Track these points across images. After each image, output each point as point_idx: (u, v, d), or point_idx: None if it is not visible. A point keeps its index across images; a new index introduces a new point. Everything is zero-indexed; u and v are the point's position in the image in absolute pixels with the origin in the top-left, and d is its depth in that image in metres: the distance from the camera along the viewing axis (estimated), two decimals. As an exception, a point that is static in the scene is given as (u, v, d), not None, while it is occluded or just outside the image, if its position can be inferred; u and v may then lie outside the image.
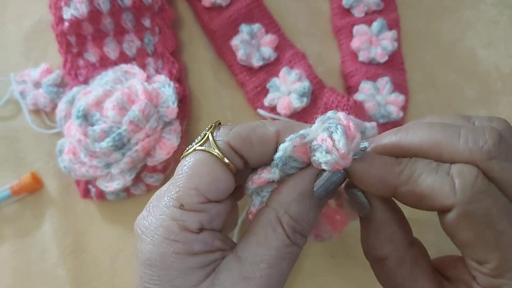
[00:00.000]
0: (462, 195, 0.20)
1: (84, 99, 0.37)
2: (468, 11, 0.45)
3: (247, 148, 0.23)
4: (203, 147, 0.23)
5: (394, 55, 0.42)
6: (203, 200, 0.22)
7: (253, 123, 0.24)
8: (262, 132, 0.23)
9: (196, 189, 0.22)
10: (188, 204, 0.22)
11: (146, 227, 0.22)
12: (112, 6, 0.39)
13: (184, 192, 0.22)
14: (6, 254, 0.40)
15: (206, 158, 0.22)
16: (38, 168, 0.41)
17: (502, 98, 0.43)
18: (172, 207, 0.22)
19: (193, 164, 0.22)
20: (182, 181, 0.22)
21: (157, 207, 0.22)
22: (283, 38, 0.42)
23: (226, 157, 0.23)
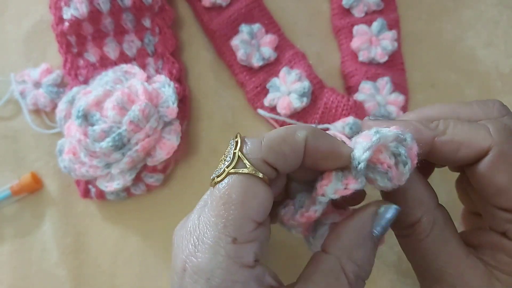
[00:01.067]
0: (498, 135, 0.22)
1: (84, 99, 0.37)
2: (468, 11, 0.45)
3: (281, 160, 0.22)
4: (240, 169, 0.21)
5: (394, 55, 0.42)
6: (254, 227, 0.21)
7: (281, 131, 0.22)
8: (293, 141, 0.22)
9: (246, 217, 0.20)
10: (241, 236, 0.20)
11: (198, 267, 0.20)
12: (112, 6, 0.39)
13: (234, 223, 0.20)
14: (6, 254, 0.40)
15: (247, 181, 0.21)
16: (38, 168, 0.41)
17: (502, 98, 0.42)
18: (224, 243, 0.20)
19: (237, 190, 0.21)
20: (228, 211, 0.20)
21: (204, 243, 0.20)
22: (283, 38, 0.42)
23: (264, 174, 0.21)
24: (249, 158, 0.21)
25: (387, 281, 0.38)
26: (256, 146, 0.22)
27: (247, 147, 0.22)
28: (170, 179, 0.41)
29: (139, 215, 0.40)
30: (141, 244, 0.39)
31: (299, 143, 0.22)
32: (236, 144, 0.22)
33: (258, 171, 0.21)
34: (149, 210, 0.40)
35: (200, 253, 0.20)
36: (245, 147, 0.22)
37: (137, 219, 0.40)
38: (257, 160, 0.21)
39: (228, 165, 0.21)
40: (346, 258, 0.21)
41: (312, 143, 0.22)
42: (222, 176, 0.21)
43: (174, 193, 0.40)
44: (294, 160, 0.22)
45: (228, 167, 0.21)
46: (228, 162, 0.21)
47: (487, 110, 0.25)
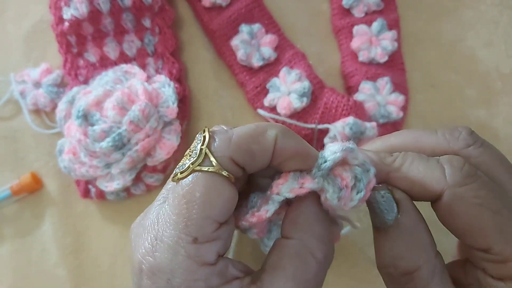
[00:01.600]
0: (452, 178, 0.21)
1: (84, 99, 0.37)
2: (468, 11, 0.45)
3: (249, 160, 0.21)
4: (206, 167, 0.20)
5: (394, 55, 0.42)
6: (216, 227, 0.20)
7: (251, 128, 0.21)
8: (263, 140, 0.21)
9: (209, 217, 0.20)
10: (202, 236, 0.19)
11: (157, 267, 0.19)
12: (112, 6, 0.39)
13: (196, 223, 0.19)
14: (6, 254, 0.40)
15: (212, 180, 0.20)
16: (38, 168, 0.41)
17: (502, 98, 0.43)
18: (185, 243, 0.19)
19: (201, 189, 0.20)
20: (190, 210, 0.19)
21: (164, 242, 0.20)
22: (283, 38, 0.42)
23: (230, 172, 0.20)
24: (216, 155, 0.20)
25: (387, 281, 0.38)
26: (224, 143, 0.21)
27: (214, 144, 0.21)
28: (170, 179, 0.41)
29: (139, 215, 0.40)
30: (141, 244, 0.39)
31: (269, 142, 0.21)
32: (204, 140, 0.21)
33: (224, 170, 0.20)
34: (149, 210, 0.40)
35: (158, 253, 0.20)
36: (213, 143, 0.21)
37: (137, 219, 0.40)
38: (224, 158, 0.20)
39: (193, 161, 0.20)
40: (308, 236, 0.21)
41: (281, 142, 0.21)
42: (186, 173, 0.20)
43: (174, 193, 0.40)
44: (262, 159, 0.21)
45: (193, 163, 0.20)
46: (193, 159, 0.20)
47: (452, 140, 0.23)
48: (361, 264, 0.38)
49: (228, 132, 0.21)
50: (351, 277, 0.38)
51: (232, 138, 0.21)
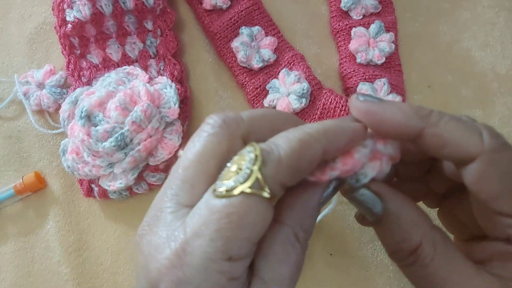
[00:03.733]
0: (490, 144, 0.21)
1: (87, 100, 0.37)
2: (464, 13, 0.46)
3: (296, 179, 0.20)
4: (256, 191, 0.19)
5: (392, 56, 0.42)
6: (251, 247, 0.20)
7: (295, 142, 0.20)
8: (311, 157, 0.20)
9: (248, 239, 0.19)
10: (237, 255, 0.19)
11: (185, 280, 0.19)
12: (114, 9, 0.39)
13: (235, 244, 0.19)
14: (9, 252, 0.40)
15: (258, 204, 0.19)
16: (42, 168, 0.42)
17: (498, 99, 0.43)
18: (219, 260, 0.19)
19: (245, 212, 0.19)
20: (232, 231, 0.19)
21: (194, 256, 0.19)
22: (282, 40, 0.43)
23: (277, 195, 0.20)
24: (268, 181, 0.19)
25: (384, 279, 0.38)
26: (275, 166, 0.20)
27: (266, 167, 0.19)
28: (171, 179, 0.41)
29: (141, 214, 0.40)
30: (143, 242, 0.40)
31: (317, 156, 0.20)
32: (255, 160, 0.20)
33: (273, 194, 0.20)
34: (150, 209, 0.41)
35: (186, 266, 0.19)
36: (264, 166, 0.19)
37: (139, 218, 0.39)
38: (275, 183, 0.20)
39: (243, 181, 0.19)
40: (298, 227, 0.21)
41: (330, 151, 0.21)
42: (234, 193, 0.19)
43: (175, 192, 0.41)
44: (309, 172, 0.21)
45: (242, 184, 0.19)
46: (243, 179, 0.19)
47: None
48: (358, 261, 0.39)
49: (276, 153, 0.20)
50: (348, 274, 0.39)
51: (282, 161, 0.20)
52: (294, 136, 0.20)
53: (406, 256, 0.23)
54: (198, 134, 0.22)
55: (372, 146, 0.22)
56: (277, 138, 0.21)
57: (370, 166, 0.22)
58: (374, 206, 0.23)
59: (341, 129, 0.21)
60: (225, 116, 0.21)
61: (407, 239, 0.22)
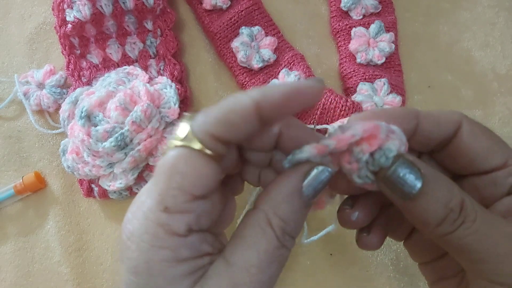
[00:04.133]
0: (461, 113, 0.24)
1: (87, 100, 0.37)
2: (464, 13, 0.46)
3: (230, 131, 0.21)
4: (183, 142, 0.21)
5: (392, 56, 0.42)
6: (188, 199, 0.20)
7: (226, 100, 0.21)
8: (240, 108, 0.21)
9: (180, 188, 0.20)
10: (172, 206, 0.20)
11: (131, 232, 0.20)
12: (114, 9, 0.39)
13: (167, 193, 0.20)
14: (9, 252, 0.40)
15: (186, 153, 0.20)
16: (42, 168, 0.42)
17: (498, 99, 0.43)
18: (156, 210, 0.20)
19: (174, 162, 0.20)
20: (164, 181, 0.20)
21: (140, 210, 0.20)
22: (282, 40, 0.43)
23: (208, 147, 0.21)
24: (194, 130, 0.21)
25: (384, 279, 0.38)
26: (202, 119, 0.21)
27: (194, 121, 0.21)
28: (171, 179, 0.41)
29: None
30: (143, 242, 0.40)
31: (248, 109, 0.21)
32: (186, 118, 0.21)
33: (202, 143, 0.20)
34: (150, 209, 0.41)
35: (135, 220, 0.20)
36: (193, 121, 0.21)
37: (139, 218, 0.40)
38: (202, 133, 0.20)
39: (176, 137, 0.21)
40: (272, 212, 0.21)
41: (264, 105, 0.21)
42: (169, 148, 0.21)
43: (175, 192, 0.41)
44: (245, 128, 0.21)
45: (175, 139, 0.21)
46: (175, 136, 0.21)
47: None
48: (358, 261, 0.39)
49: (207, 110, 0.21)
50: (348, 274, 0.39)
51: (209, 113, 0.21)
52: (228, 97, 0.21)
53: (456, 216, 0.22)
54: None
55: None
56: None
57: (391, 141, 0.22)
58: (414, 179, 0.21)
59: (279, 85, 0.21)
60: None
61: (453, 198, 0.22)
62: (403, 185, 0.22)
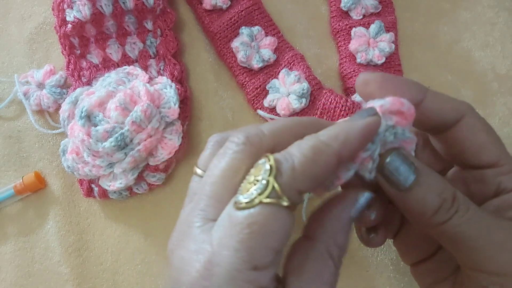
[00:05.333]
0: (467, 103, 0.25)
1: (87, 100, 0.37)
2: (465, 13, 0.46)
3: (313, 185, 0.21)
4: (275, 200, 0.20)
5: (392, 56, 0.42)
6: (275, 255, 0.20)
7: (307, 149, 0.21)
8: (324, 162, 0.21)
9: (271, 248, 0.20)
10: (262, 264, 0.20)
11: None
12: (114, 9, 0.39)
13: (258, 253, 0.20)
14: (9, 252, 0.40)
15: (277, 213, 0.20)
16: (42, 168, 0.42)
17: (498, 99, 0.43)
18: (245, 269, 0.19)
19: (265, 221, 0.20)
20: (254, 240, 0.20)
21: (221, 267, 0.20)
22: (282, 40, 0.43)
23: (295, 202, 0.21)
24: (284, 189, 0.20)
25: (384, 279, 0.38)
26: (290, 174, 0.21)
27: (281, 176, 0.20)
28: (171, 179, 0.41)
29: (141, 214, 0.41)
30: (143, 242, 0.40)
31: (331, 162, 0.21)
32: (270, 170, 0.20)
33: (291, 202, 0.20)
34: (151, 209, 0.41)
35: (215, 277, 0.20)
36: (279, 175, 0.20)
37: (139, 218, 0.40)
38: (292, 191, 0.20)
39: (260, 192, 0.20)
40: (332, 243, 0.22)
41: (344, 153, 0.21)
42: (253, 203, 0.20)
43: (175, 192, 0.41)
44: (326, 178, 0.22)
45: (260, 194, 0.20)
46: (260, 190, 0.20)
47: None
48: (358, 261, 0.39)
49: (290, 161, 0.21)
50: (348, 274, 0.39)
51: (296, 168, 0.21)
52: (307, 144, 0.21)
53: (449, 206, 0.23)
54: (223, 152, 0.22)
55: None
56: (290, 147, 0.21)
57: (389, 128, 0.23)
58: (408, 170, 0.23)
59: (352, 131, 0.22)
60: (248, 133, 0.22)
61: (446, 189, 0.23)
62: (398, 176, 0.23)
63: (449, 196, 0.23)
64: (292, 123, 0.24)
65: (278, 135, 0.23)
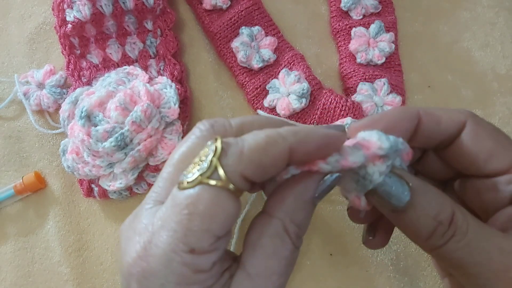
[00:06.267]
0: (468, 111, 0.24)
1: (87, 99, 0.37)
2: (464, 13, 0.46)
3: (261, 174, 0.20)
4: (214, 181, 0.19)
5: (392, 56, 0.42)
6: (215, 240, 0.20)
7: (261, 140, 0.20)
8: (276, 152, 0.20)
9: (209, 231, 0.19)
10: (199, 247, 0.19)
11: (150, 271, 0.19)
12: (114, 9, 0.39)
13: (195, 235, 0.19)
14: (9, 252, 0.40)
15: (219, 195, 0.19)
16: (42, 168, 0.42)
17: (498, 99, 0.43)
18: (180, 251, 0.19)
19: (206, 203, 0.19)
20: (192, 222, 0.19)
21: (158, 247, 0.19)
22: (282, 40, 0.43)
23: (239, 188, 0.20)
24: (227, 170, 0.19)
25: (384, 279, 0.38)
26: (235, 157, 0.20)
27: (226, 157, 0.20)
28: (171, 179, 0.41)
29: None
30: (143, 242, 0.40)
31: (282, 155, 0.20)
32: (215, 151, 0.20)
33: (233, 185, 0.19)
34: (150, 209, 0.41)
35: (152, 258, 0.19)
36: (224, 156, 0.20)
37: (139, 218, 0.40)
38: (235, 174, 0.19)
39: (202, 173, 0.19)
40: (289, 221, 0.21)
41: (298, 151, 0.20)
42: (193, 183, 0.19)
43: (175, 192, 0.41)
44: (274, 171, 0.21)
45: (202, 175, 0.19)
46: (203, 170, 0.19)
47: None
48: (358, 261, 0.39)
49: (239, 144, 0.20)
50: (348, 274, 0.39)
51: (244, 152, 0.20)
52: (263, 133, 0.20)
53: (446, 229, 0.22)
54: (187, 136, 0.22)
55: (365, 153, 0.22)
56: (246, 135, 0.21)
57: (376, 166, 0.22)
58: (401, 192, 0.22)
59: (313, 133, 0.21)
60: (214, 121, 0.22)
61: (443, 210, 0.22)
62: (391, 198, 0.22)
63: (446, 219, 0.22)
64: (262, 121, 0.23)
65: (244, 129, 0.22)
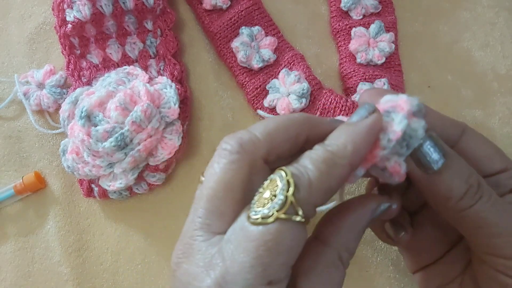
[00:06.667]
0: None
1: (87, 100, 0.37)
2: (464, 13, 0.46)
3: (329, 197, 0.21)
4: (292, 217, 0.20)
5: (392, 56, 0.42)
6: (289, 270, 0.21)
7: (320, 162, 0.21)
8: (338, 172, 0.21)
9: (287, 264, 0.20)
10: (276, 279, 0.20)
11: None
12: (114, 9, 0.39)
13: (274, 269, 0.20)
14: (9, 252, 0.40)
15: (293, 229, 0.20)
16: (42, 168, 0.42)
17: (498, 99, 0.43)
18: (259, 285, 0.19)
19: (282, 238, 0.20)
20: (271, 257, 0.19)
21: (236, 284, 0.19)
22: (282, 40, 0.43)
23: (310, 217, 0.21)
24: (302, 204, 0.20)
25: (384, 279, 0.38)
26: (306, 190, 0.20)
27: (299, 193, 0.20)
28: (171, 178, 0.41)
29: (141, 214, 0.41)
30: (143, 242, 0.40)
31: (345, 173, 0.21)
32: (288, 186, 0.20)
33: (306, 217, 0.20)
34: (151, 208, 0.41)
35: None
36: (297, 192, 0.20)
37: (139, 218, 0.40)
38: (310, 207, 0.20)
39: (278, 208, 0.20)
40: (344, 250, 0.22)
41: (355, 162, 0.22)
42: (270, 219, 0.20)
43: (175, 192, 0.41)
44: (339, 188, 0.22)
45: (278, 210, 0.20)
46: (278, 206, 0.20)
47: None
48: (358, 261, 0.39)
49: (305, 176, 0.20)
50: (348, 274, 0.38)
51: (312, 183, 0.20)
52: (319, 156, 0.21)
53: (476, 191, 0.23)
54: (217, 161, 0.22)
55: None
56: (302, 160, 0.21)
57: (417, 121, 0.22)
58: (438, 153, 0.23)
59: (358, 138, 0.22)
60: (240, 138, 0.22)
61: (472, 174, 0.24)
62: (429, 158, 0.23)
63: (475, 182, 0.23)
64: (284, 123, 0.23)
65: (272, 139, 0.22)
